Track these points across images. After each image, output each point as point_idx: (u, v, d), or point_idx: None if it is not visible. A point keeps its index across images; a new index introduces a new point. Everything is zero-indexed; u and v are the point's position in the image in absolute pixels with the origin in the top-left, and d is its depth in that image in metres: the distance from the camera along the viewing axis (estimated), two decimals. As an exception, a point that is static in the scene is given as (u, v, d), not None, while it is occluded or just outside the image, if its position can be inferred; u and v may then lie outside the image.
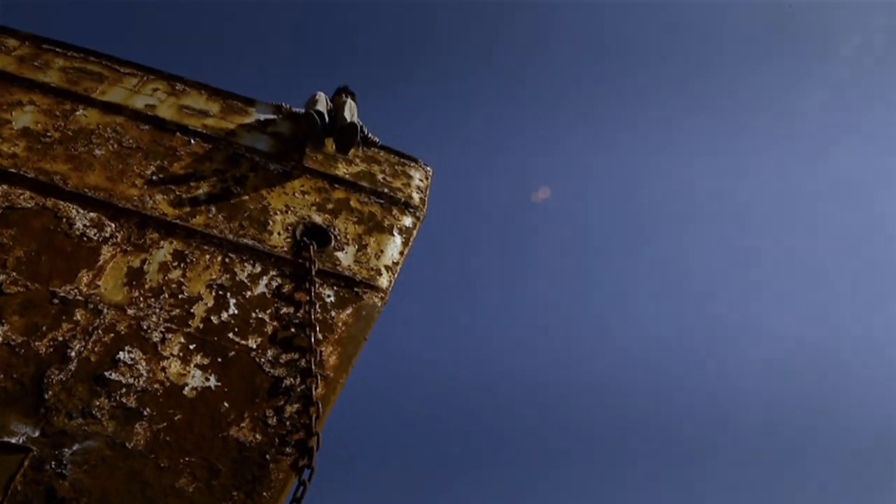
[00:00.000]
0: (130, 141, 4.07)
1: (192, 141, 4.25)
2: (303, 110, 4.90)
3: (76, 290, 3.35)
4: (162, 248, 3.67)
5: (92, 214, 3.63)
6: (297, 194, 4.30)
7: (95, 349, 3.20)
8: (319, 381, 3.48)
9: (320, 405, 3.41)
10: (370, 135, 4.88)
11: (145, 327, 3.36)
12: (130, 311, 3.38)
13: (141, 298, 3.44)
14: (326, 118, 4.62)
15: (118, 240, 3.60)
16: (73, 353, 3.15)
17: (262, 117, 4.67)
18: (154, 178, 3.95)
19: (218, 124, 4.43)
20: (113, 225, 3.64)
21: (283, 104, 4.84)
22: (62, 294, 3.32)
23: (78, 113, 4.06)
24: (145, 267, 3.57)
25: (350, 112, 4.70)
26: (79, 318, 3.27)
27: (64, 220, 3.56)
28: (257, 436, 3.25)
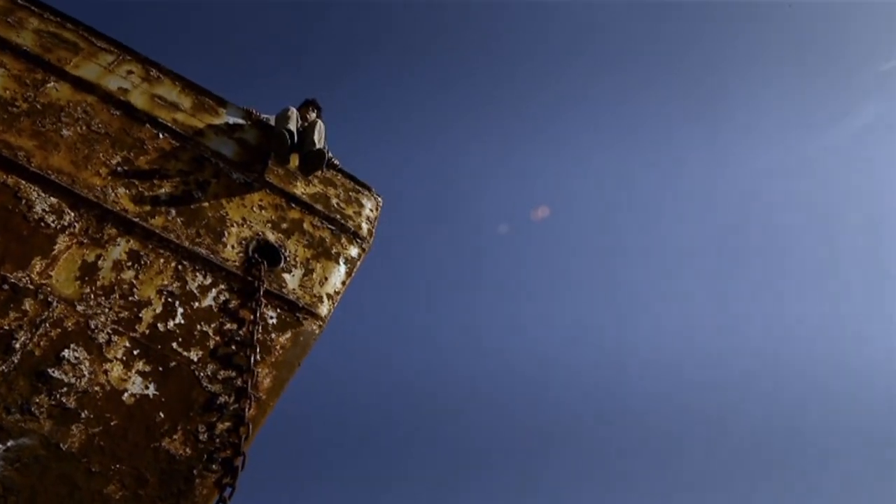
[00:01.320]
0: (99, 125, 4.01)
1: (161, 135, 4.24)
2: (271, 117, 4.99)
3: (27, 278, 3.33)
4: (118, 245, 3.69)
5: (53, 199, 3.59)
6: (254, 208, 4.40)
7: (41, 343, 3.21)
8: (253, 402, 3.66)
9: (251, 426, 3.59)
10: (333, 158, 5.04)
11: (93, 326, 3.39)
12: (80, 308, 3.40)
13: (91, 295, 3.47)
14: (296, 137, 4.74)
15: (76, 230, 3.59)
16: (17, 345, 3.15)
17: (231, 121, 4.71)
18: (119, 169, 3.93)
19: (188, 121, 4.44)
20: (72, 214, 3.62)
21: (254, 110, 4.90)
22: (13, 280, 3.29)
23: (49, 85, 3.95)
24: (100, 263, 3.58)
25: (319, 135, 4.83)
26: (27, 307, 3.26)
27: (24, 201, 3.50)
28: (187, 450, 3.39)
